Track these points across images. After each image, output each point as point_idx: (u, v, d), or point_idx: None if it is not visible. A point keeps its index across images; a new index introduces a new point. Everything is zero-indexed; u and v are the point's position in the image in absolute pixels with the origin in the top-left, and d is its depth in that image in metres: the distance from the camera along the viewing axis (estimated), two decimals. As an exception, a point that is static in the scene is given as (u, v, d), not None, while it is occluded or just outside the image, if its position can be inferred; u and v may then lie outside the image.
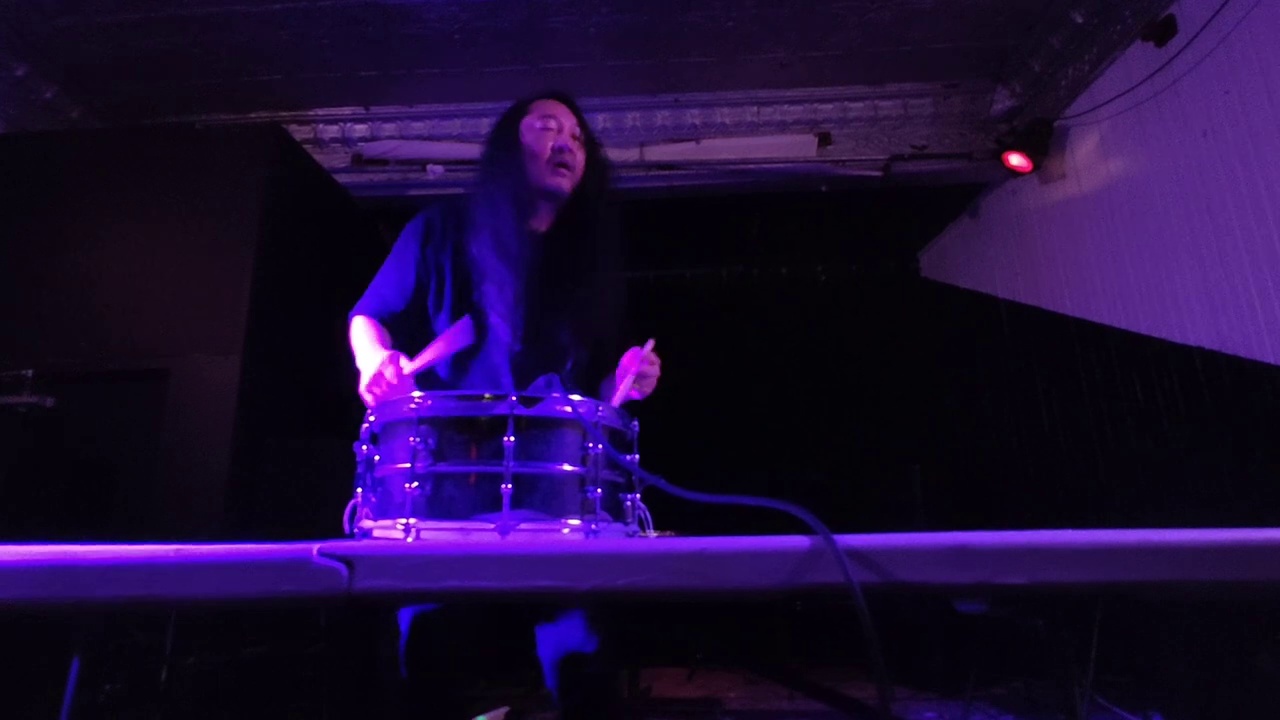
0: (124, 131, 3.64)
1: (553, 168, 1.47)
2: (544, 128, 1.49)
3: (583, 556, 0.58)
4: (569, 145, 1.48)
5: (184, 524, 2.72)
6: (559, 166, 1.47)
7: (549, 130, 1.49)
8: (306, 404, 3.27)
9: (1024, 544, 0.58)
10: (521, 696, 3.41)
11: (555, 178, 1.48)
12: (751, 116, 3.93)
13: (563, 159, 1.47)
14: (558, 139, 1.48)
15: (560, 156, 1.47)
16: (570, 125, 1.51)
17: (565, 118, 1.51)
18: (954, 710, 3.06)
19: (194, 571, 0.57)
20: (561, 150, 1.47)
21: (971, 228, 4.61)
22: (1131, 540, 0.60)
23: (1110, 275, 3.31)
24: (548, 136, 1.48)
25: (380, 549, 0.60)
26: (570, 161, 1.48)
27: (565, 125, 1.50)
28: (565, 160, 1.48)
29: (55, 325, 3.00)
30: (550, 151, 1.47)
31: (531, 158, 1.48)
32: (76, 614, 0.74)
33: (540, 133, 1.49)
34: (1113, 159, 3.30)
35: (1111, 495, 3.30)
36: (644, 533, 1.11)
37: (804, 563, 0.57)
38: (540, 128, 1.49)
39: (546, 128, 1.49)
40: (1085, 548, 0.58)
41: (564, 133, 1.49)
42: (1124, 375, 3.23)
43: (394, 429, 1.03)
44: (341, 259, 3.78)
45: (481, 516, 0.95)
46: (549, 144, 1.48)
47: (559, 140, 1.48)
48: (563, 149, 1.47)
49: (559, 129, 1.49)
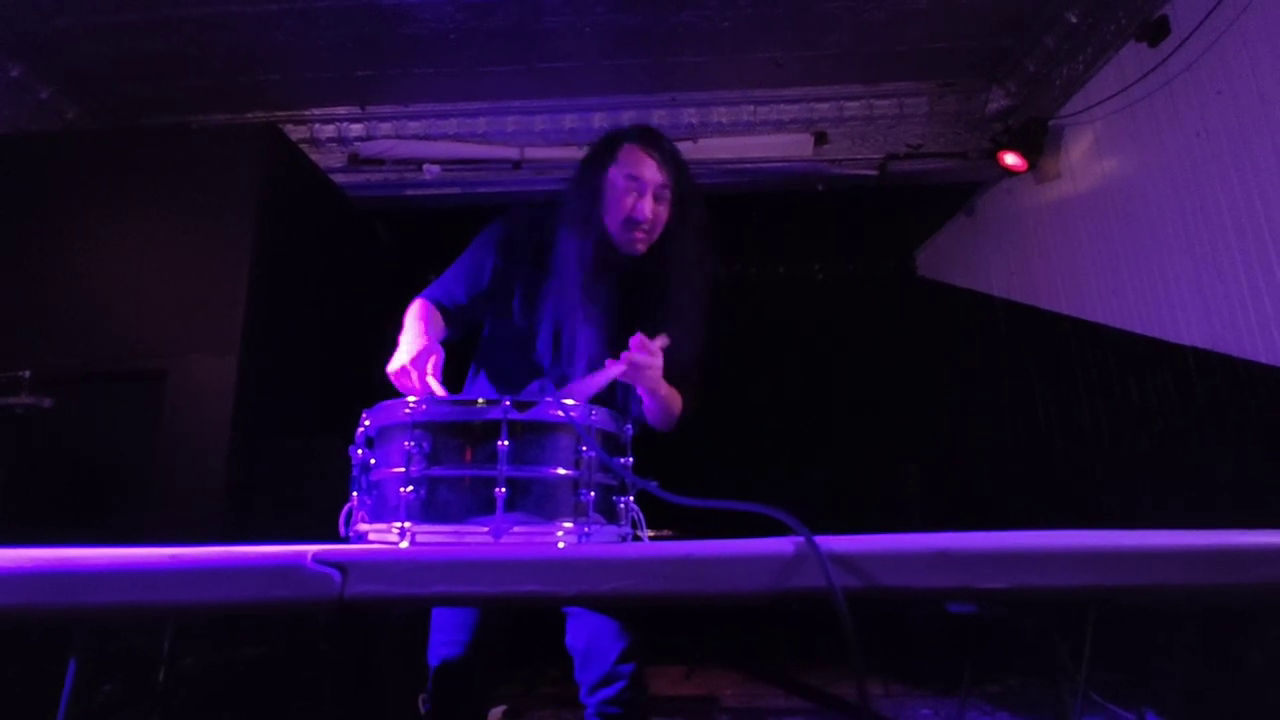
0: (120, 132, 3.65)
1: (628, 232, 1.46)
2: (626, 188, 1.45)
3: (569, 562, 0.59)
4: (647, 214, 1.44)
5: (182, 524, 2.73)
6: (635, 233, 1.46)
7: (630, 191, 1.45)
8: (304, 404, 3.28)
9: (1005, 548, 0.59)
10: (520, 695, 3.42)
11: (631, 243, 1.47)
12: (748, 116, 3.94)
13: (638, 227, 1.45)
14: (639, 203, 1.44)
15: (637, 226, 1.45)
16: (656, 183, 1.46)
17: (652, 175, 1.46)
18: (949, 708, 3.08)
19: (189, 577, 0.58)
20: (638, 221, 1.44)
21: (967, 227, 4.63)
22: (1112, 544, 0.61)
23: (1105, 274, 3.33)
24: (629, 199, 1.45)
25: (373, 555, 0.61)
26: (648, 228, 1.46)
27: (650, 184, 1.45)
28: (642, 228, 1.45)
29: (52, 326, 3.00)
30: (627, 216, 1.45)
31: (610, 214, 1.46)
32: (72, 620, 0.75)
33: (622, 193, 1.46)
34: (1107, 158, 3.32)
35: (1107, 494, 3.32)
36: (637, 534, 1.12)
37: (789, 567, 0.58)
38: (623, 187, 1.46)
39: (629, 189, 1.45)
40: (1066, 552, 0.59)
41: (646, 195, 1.45)
42: (1119, 374, 3.24)
43: (389, 433, 1.04)
44: (338, 259, 3.79)
45: (476, 519, 0.96)
46: (628, 206, 1.45)
47: (640, 206, 1.44)
48: (639, 220, 1.44)
49: (641, 190, 1.45)
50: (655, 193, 1.46)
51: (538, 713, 3.28)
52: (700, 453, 4.07)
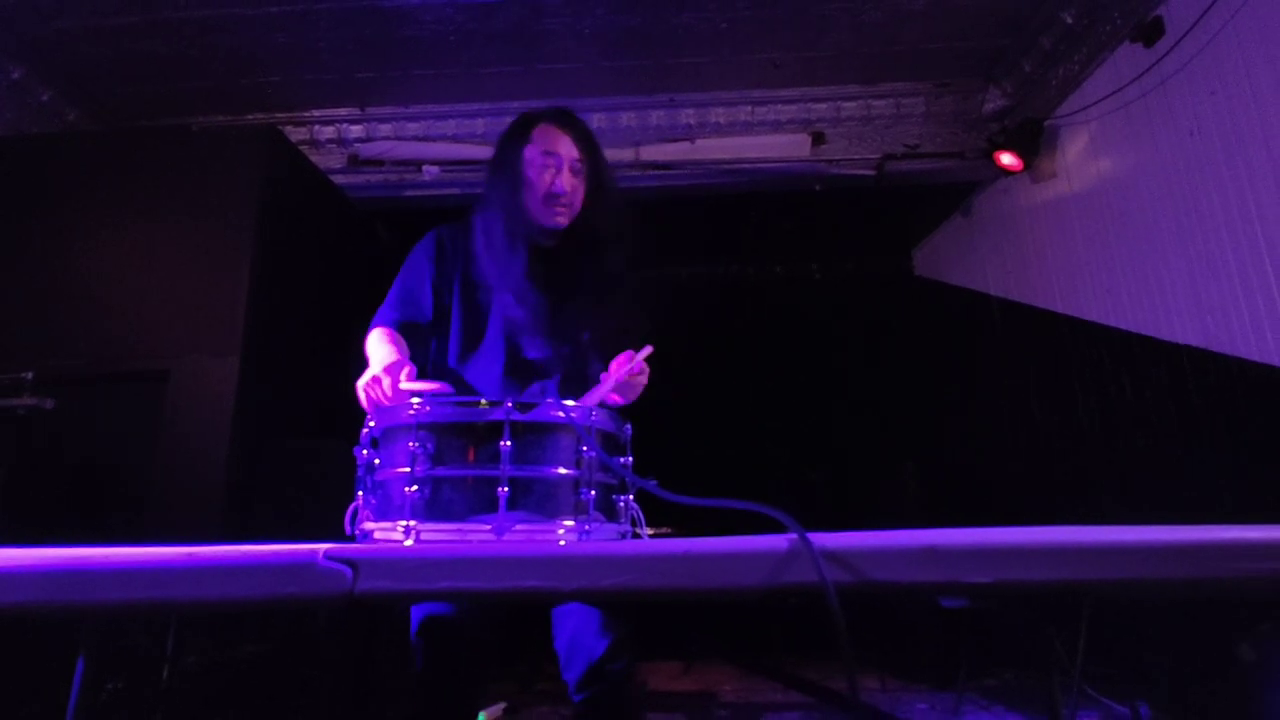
0: (121, 134, 3.66)
1: (548, 207, 1.48)
2: (543, 164, 1.48)
3: (571, 558, 0.61)
4: (565, 187, 1.48)
5: (185, 524, 2.75)
6: (555, 206, 1.48)
7: (548, 167, 1.48)
8: (305, 405, 3.30)
9: (989, 544, 0.61)
10: (518, 692, 3.45)
11: (551, 217, 1.49)
12: (746, 116, 3.96)
13: (558, 201, 1.48)
14: (556, 178, 1.48)
15: (556, 200, 1.48)
16: (571, 158, 1.49)
17: (566, 149, 1.49)
18: (946, 701, 3.11)
19: (202, 575, 0.60)
20: (557, 194, 1.47)
21: (964, 226, 4.65)
22: (1093, 540, 0.63)
23: (1100, 273, 3.35)
24: (546, 174, 1.48)
25: (382, 552, 0.63)
26: (567, 201, 1.49)
27: (565, 159, 1.49)
28: (561, 201, 1.48)
29: (54, 327, 3.02)
30: (546, 192, 1.47)
31: (529, 192, 1.48)
32: (85, 617, 0.77)
33: (540, 169, 1.48)
34: (1102, 158, 3.34)
35: (1103, 491, 3.34)
36: (636, 532, 1.14)
37: (783, 563, 0.60)
38: (540, 163, 1.48)
39: (546, 164, 1.48)
40: (1047, 547, 0.61)
41: (563, 170, 1.48)
42: (1114, 373, 3.27)
43: (394, 434, 1.06)
44: (338, 260, 3.81)
45: (479, 518, 0.98)
46: (546, 182, 1.47)
47: (557, 181, 1.47)
48: (558, 193, 1.47)
49: (558, 166, 1.48)
50: (571, 167, 1.49)
51: (535, 709, 3.31)
52: (699, 452, 4.10)
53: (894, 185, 4.07)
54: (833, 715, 3.14)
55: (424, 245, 1.57)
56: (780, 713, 3.19)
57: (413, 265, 1.56)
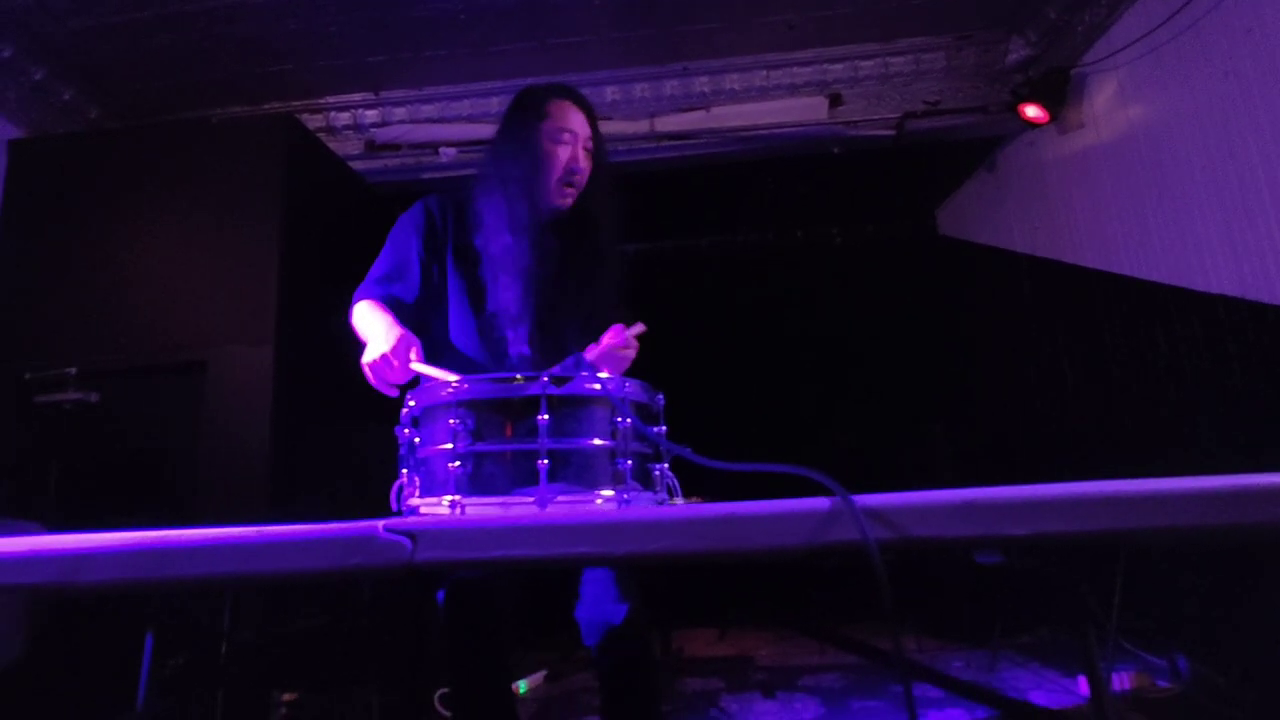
0: (144, 129, 3.71)
1: (561, 187, 1.48)
2: (559, 141, 1.47)
3: (619, 525, 0.64)
4: (580, 165, 1.48)
5: (229, 510, 2.84)
6: (567, 186, 1.48)
7: (564, 145, 1.47)
8: (339, 390, 3.36)
9: (1027, 497, 0.63)
10: (557, 661, 3.55)
11: (562, 197, 1.49)
12: (761, 81, 3.89)
13: (573, 180, 1.48)
14: (571, 157, 1.47)
15: (571, 178, 1.48)
16: (584, 136, 1.49)
17: (580, 127, 1.49)
18: (981, 659, 3.14)
19: (273, 549, 0.63)
20: (573, 172, 1.47)
21: (989, 182, 4.55)
22: (1129, 489, 0.64)
23: (1131, 224, 3.28)
24: (562, 152, 1.47)
25: (439, 523, 0.66)
26: (579, 181, 1.49)
27: (580, 137, 1.48)
28: (575, 181, 1.48)
29: (94, 323, 3.11)
30: (562, 171, 1.47)
31: (544, 171, 1.47)
32: (162, 594, 0.82)
33: (555, 147, 1.47)
34: (1132, 105, 3.24)
35: (1136, 448, 3.31)
36: (672, 500, 1.17)
37: (824, 522, 0.62)
38: (556, 141, 1.47)
39: (562, 141, 1.47)
40: (1083, 498, 0.62)
41: (578, 147, 1.48)
42: (1147, 326, 3.21)
43: (433, 412, 1.09)
44: (361, 246, 3.84)
45: (520, 491, 1.01)
46: (562, 161, 1.47)
47: (572, 161, 1.47)
48: (574, 170, 1.47)
49: (573, 143, 1.48)
50: (584, 145, 1.49)
51: (575, 676, 3.40)
52: (723, 421, 4.11)
53: (915, 144, 3.99)
54: (868, 676, 3.19)
55: (411, 217, 1.55)
56: (816, 675, 3.24)
57: (399, 238, 1.53)
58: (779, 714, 2.72)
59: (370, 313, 1.41)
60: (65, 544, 0.63)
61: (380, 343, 1.28)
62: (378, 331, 1.33)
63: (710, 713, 2.78)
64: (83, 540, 0.64)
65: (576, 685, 3.30)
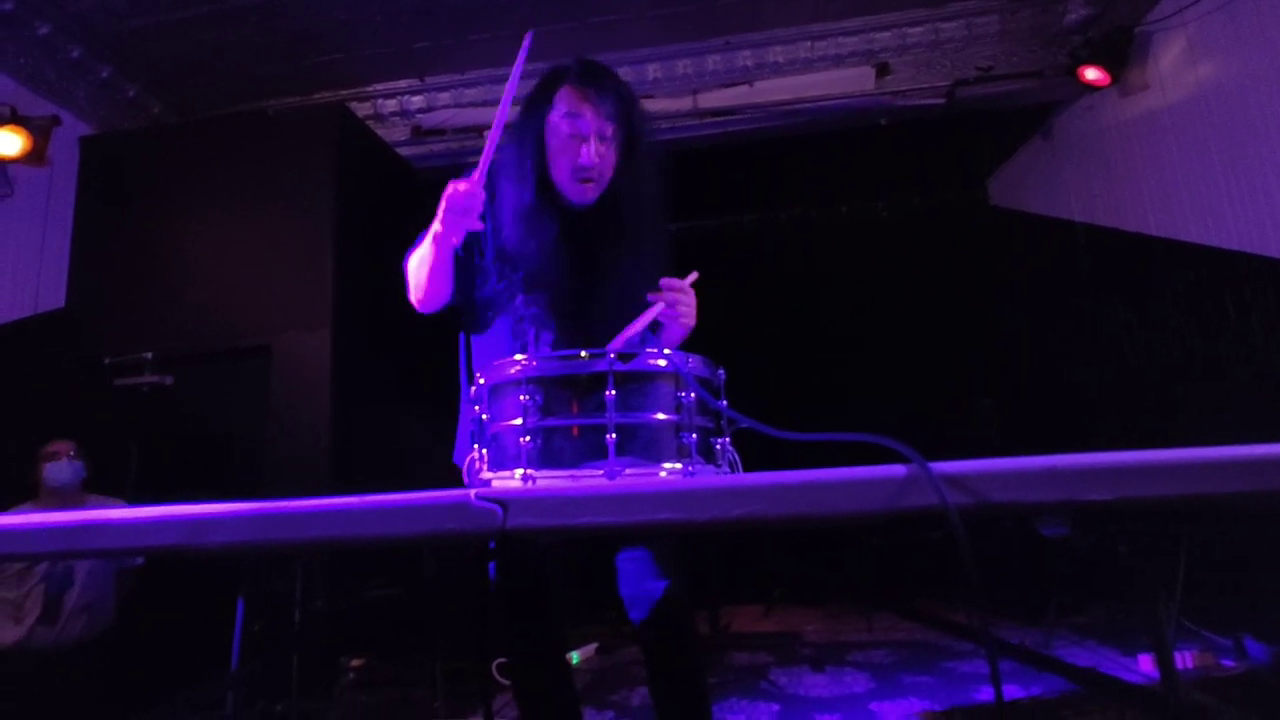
0: (204, 123, 3.85)
1: (577, 183, 1.36)
2: (570, 133, 1.33)
3: (703, 491, 0.66)
4: (592, 159, 1.33)
5: (294, 486, 2.97)
6: (583, 182, 1.36)
7: (574, 137, 1.33)
8: (393, 371, 3.48)
9: (1107, 463, 0.63)
10: (608, 634, 3.63)
11: (580, 193, 1.37)
12: (805, 53, 3.82)
13: (586, 175, 1.34)
14: (583, 151, 1.33)
15: (584, 173, 1.34)
16: (598, 126, 1.33)
17: (593, 117, 1.33)
18: (1035, 636, 3.10)
19: (375, 515, 0.68)
20: (585, 168, 1.33)
21: (1044, 150, 4.40)
22: (1212, 455, 0.64)
23: (1199, 190, 3.13)
24: (572, 144, 1.33)
25: (529, 492, 0.69)
26: (594, 175, 1.35)
27: (592, 128, 1.33)
28: (589, 175, 1.34)
29: (164, 311, 3.27)
30: (572, 168, 1.34)
31: (555, 164, 1.36)
32: (283, 555, 0.88)
33: (565, 139, 1.34)
34: (1202, 64, 3.08)
35: (1200, 422, 3.19)
36: (734, 473, 1.19)
37: (901, 489, 0.63)
38: (566, 133, 1.34)
39: (573, 132, 1.33)
40: (1166, 464, 0.63)
41: (589, 140, 1.33)
42: (1214, 295, 3.08)
43: (502, 389, 1.13)
44: (409, 231, 3.94)
45: (588, 465, 1.04)
46: (572, 154, 1.33)
47: (584, 154, 1.33)
48: (586, 165, 1.33)
49: (584, 134, 1.33)
50: (599, 135, 1.33)
51: (625, 649, 3.48)
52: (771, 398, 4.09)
53: (966, 113, 3.88)
54: (918, 651, 3.19)
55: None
56: (866, 651, 3.25)
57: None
58: (829, 687, 2.75)
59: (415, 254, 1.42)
60: (191, 511, 0.69)
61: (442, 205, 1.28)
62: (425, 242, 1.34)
63: (760, 685, 2.82)
64: (205, 508, 0.70)
65: (628, 658, 3.38)
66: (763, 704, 2.59)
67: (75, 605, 2.50)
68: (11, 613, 2.44)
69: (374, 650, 2.76)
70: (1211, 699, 2.22)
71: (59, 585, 2.49)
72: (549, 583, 1.46)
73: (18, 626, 2.42)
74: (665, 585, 1.44)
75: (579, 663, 3.33)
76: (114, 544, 0.71)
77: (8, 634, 2.42)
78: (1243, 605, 2.67)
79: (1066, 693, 2.37)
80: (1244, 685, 2.35)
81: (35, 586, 2.47)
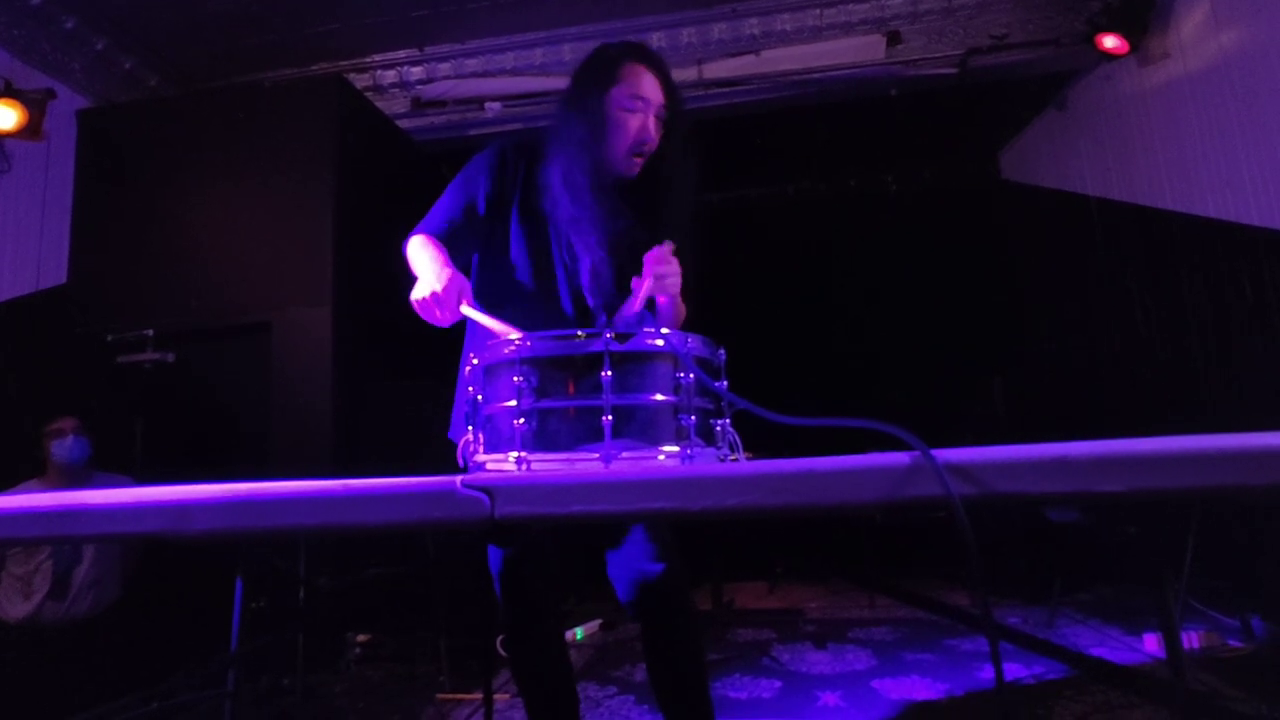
0: (201, 95, 3.79)
1: (630, 158, 1.42)
2: (632, 109, 1.40)
3: (695, 480, 0.64)
4: (650, 135, 1.41)
5: (297, 462, 2.99)
6: (636, 156, 1.42)
7: (636, 113, 1.40)
8: (394, 348, 3.46)
9: (1122, 453, 0.60)
10: (612, 610, 3.65)
11: (630, 165, 1.43)
12: (814, 20, 3.71)
13: (642, 150, 1.41)
14: (643, 126, 1.40)
15: (641, 148, 1.41)
16: (658, 103, 1.41)
17: (654, 94, 1.41)
18: (1038, 616, 3.10)
19: (359, 502, 0.66)
20: (643, 143, 1.41)
21: (1058, 122, 4.29)
22: (1232, 445, 0.61)
23: (1219, 163, 3.05)
24: (634, 121, 1.40)
25: (516, 479, 0.67)
26: (648, 150, 1.42)
27: (653, 104, 1.41)
28: (645, 150, 1.42)
29: (165, 287, 3.25)
30: (632, 141, 1.40)
31: (614, 138, 1.41)
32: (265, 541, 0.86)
33: (628, 115, 1.40)
34: (1225, 32, 2.98)
35: (1214, 401, 3.15)
36: (734, 456, 1.16)
37: (904, 478, 0.60)
38: (629, 108, 1.40)
39: (634, 109, 1.40)
40: (1182, 454, 0.59)
41: (649, 115, 1.40)
42: (1231, 272, 3.02)
43: (497, 370, 1.10)
44: (410, 205, 3.89)
45: (585, 447, 1.02)
46: (633, 130, 1.40)
47: (644, 130, 1.40)
48: (644, 141, 1.41)
49: (645, 111, 1.40)
50: (657, 114, 1.41)
51: (628, 625, 3.50)
52: (775, 377, 4.06)
53: (978, 83, 3.77)
54: (919, 629, 3.19)
55: (485, 158, 1.51)
56: (867, 628, 3.26)
57: (469, 176, 1.50)
58: (831, 664, 2.76)
59: (424, 249, 1.39)
60: (172, 495, 0.67)
61: (430, 282, 1.27)
62: (429, 270, 1.32)
63: (763, 661, 2.83)
64: (187, 491, 0.68)
65: (631, 633, 3.40)
66: (765, 680, 2.60)
67: (83, 581, 2.52)
68: (20, 588, 2.47)
69: (379, 626, 2.79)
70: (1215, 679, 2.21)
71: (67, 561, 2.51)
72: (543, 564, 1.46)
73: (26, 602, 2.45)
74: (663, 568, 1.43)
75: (583, 639, 3.35)
76: (94, 530, 0.69)
77: (17, 609, 2.45)
78: (1250, 585, 2.65)
79: (1069, 675, 2.36)
80: (1251, 666, 2.34)
81: (44, 562, 2.49)
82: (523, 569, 1.45)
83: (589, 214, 1.41)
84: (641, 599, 1.43)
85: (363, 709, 2.51)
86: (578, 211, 1.41)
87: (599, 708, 2.43)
